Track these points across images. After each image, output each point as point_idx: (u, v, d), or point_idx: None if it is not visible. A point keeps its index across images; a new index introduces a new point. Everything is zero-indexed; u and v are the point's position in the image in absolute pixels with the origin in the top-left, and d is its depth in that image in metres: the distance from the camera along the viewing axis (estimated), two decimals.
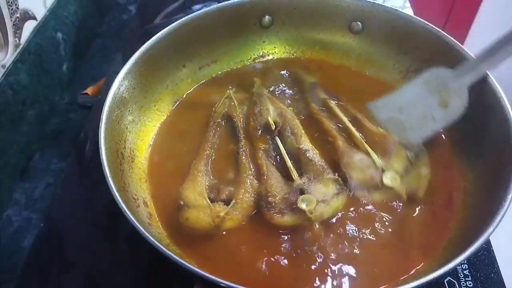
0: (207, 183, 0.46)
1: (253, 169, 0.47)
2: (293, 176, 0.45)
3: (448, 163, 0.50)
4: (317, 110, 0.54)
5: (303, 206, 0.42)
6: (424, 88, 0.50)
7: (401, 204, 0.46)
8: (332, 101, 0.54)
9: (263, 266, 0.41)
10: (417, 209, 0.46)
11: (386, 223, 0.44)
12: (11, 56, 0.57)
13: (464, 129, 0.50)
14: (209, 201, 0.44)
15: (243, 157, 0.48)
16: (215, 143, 0.51)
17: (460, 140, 0.50)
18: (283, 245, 0.43)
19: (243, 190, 0.45)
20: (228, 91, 0.55)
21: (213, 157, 0.49)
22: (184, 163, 0.48)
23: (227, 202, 0.44)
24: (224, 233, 0.43)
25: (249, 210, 0.44)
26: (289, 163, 0.47)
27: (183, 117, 0.55)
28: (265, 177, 0.45)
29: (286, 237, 0.43)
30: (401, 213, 0.45)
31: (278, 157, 0.48)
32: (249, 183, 0.45)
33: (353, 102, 0.55)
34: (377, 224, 0.44)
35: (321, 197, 0.43)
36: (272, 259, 0.42)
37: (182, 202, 0.44)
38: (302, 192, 0.44)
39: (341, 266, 0.41)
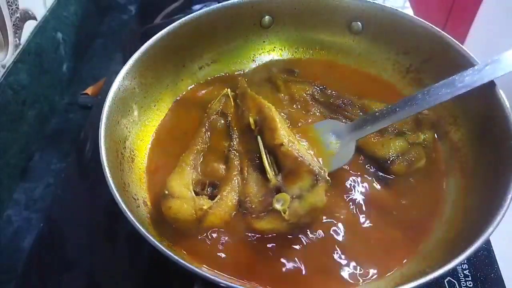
0: (194, 177, 0.46)
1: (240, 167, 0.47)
2: (268, 176, 0.44)
3: (448, 164, 0.50)
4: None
5: (277, 206, 0.40)
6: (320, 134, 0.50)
7: (399, 202, 0.46)
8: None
9: (264, 266, 0.41)
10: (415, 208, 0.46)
11: (379, 222, 0.45)
12: (11, 56, 0.57)
13: (464, 129, 0.51)
14: (193, 194, 0.44)
15: (233, 156, 0.48)
16: (206, 138, 0.50)
17: (460, 140, 0.50)
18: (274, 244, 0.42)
19: (229, 188, 0.44)
20: (226, 89, 0.55)
21: (203, 153, 0.49)
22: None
23: (212, 198, 0.44)
24: (223, 230, 0.43)
25: (233, 209, 0.44)
26: (265, 162, 0.45)
27: (183, 117, 0.55)
28: (244, 181, 0.45)
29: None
30: (398, 212, 0.45)
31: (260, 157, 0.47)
32: (236, 182, 0.45)
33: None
34: (372, 221, 0.44)
35: (297, 192, 0.41)
36: (270, 258, 0.42)
37: (166, 192, 0.43)
38: (278, 191, 0.42)
39: (338, 265, 0.41)
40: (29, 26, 0.61)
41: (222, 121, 0.52)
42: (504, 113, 0.44)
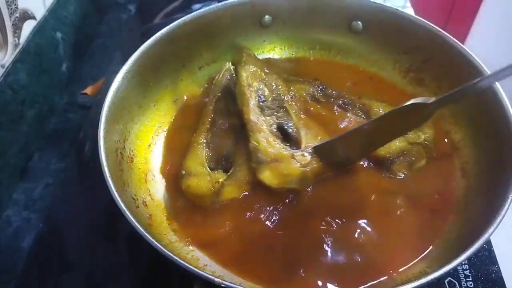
0: (207, 154, 0.48)
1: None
2: None
3: (448, 164, 0.49)
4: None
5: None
6: None
7: (400, 204, 0.46)
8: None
9: (264, 258, 0.42)
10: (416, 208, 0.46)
11: (384, 222, 0.44)
12: (11, 56, 0.57)
13: (465, 129, 0.50)
14: (209, 169, 0.46)
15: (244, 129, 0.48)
16: (214, 116, 0.51)
17: (460, 140, 0.50)
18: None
19: (241, 160, 0.46)
20: (227, 64, 0.55)
21: (213, 130, 0.50)
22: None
23: (227, 171, 0.46)
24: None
25: (248, 177, 0.45)
26: None
27: (184, 117, 0.55)
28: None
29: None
30: (399, 212, 0.45)
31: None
32: (247, 153, 0.46)
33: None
34: (375, 223, 0.44)
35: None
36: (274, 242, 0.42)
37: (183, 172, 0.46)
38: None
39: (339, 261, 0.42)
40: (29, 26, 0.61)
41: (228, 97, 0.53)
42: (504, 113, 0.44)
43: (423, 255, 0.42)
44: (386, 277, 0.41)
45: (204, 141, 0.49)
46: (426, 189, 0.48)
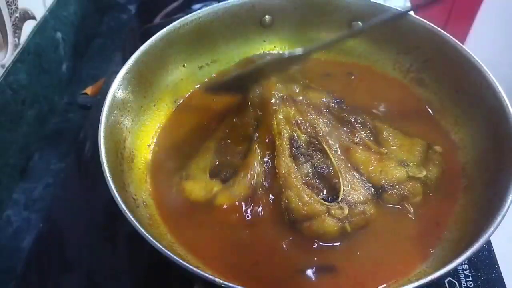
0: (214, 162, 0.48)
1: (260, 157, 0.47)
2: None
3: (448, 164, 0.49)
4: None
5: None
6: None
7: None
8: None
9: (261, 262, 0.42)
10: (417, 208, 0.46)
11: (385, 223, 0.44)
12: (11, 56, 0.57)
13: (464, 129, 0.50)
14: (208, 177, 0.46)
15: (256, 145, 0.48)
16: (232, 127, 0.51)
17: (461, 140, 0.50)
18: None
19: (243, 174, 0.46)
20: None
21: (227, 140, 0.50)
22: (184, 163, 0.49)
23: (227, 181, 0.46)
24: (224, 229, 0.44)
25: (244, 192, 0.45)
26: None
27: (184, 117, 0.55)
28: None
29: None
30: (399, 213, 0.45)
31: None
32: (254, 170, 0.46)
33: (353, 104, 0.54)
34: (375, 224, 0.44)
35: None
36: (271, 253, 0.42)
37: (184, 173, 0.47)
38: None
39: (338, 263, 0.41)
40: (29, 26, 0.61)
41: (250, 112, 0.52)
42: (504, 113, 0.44)
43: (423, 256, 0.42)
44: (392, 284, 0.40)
45: (216, 148, 0.49)
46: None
